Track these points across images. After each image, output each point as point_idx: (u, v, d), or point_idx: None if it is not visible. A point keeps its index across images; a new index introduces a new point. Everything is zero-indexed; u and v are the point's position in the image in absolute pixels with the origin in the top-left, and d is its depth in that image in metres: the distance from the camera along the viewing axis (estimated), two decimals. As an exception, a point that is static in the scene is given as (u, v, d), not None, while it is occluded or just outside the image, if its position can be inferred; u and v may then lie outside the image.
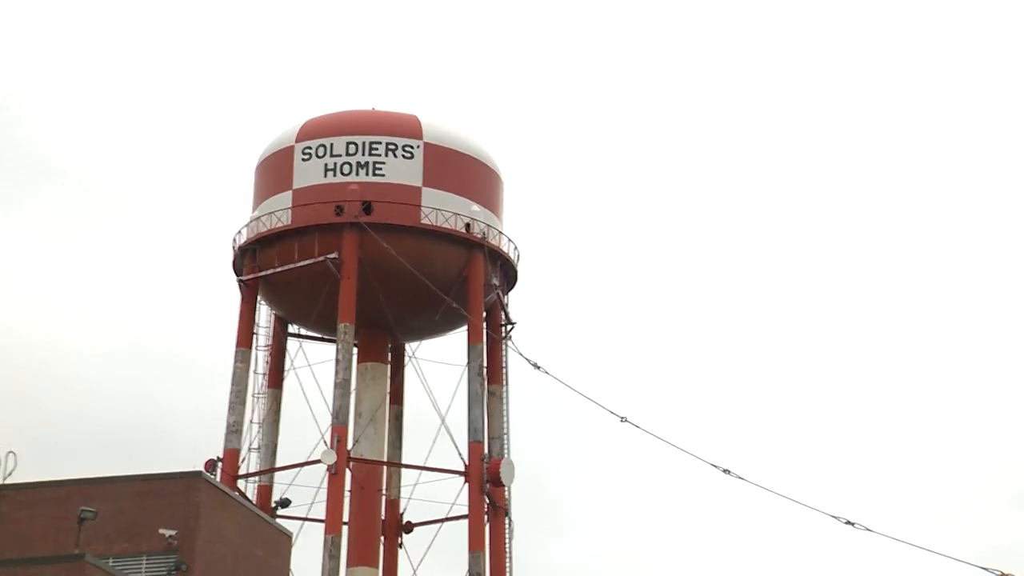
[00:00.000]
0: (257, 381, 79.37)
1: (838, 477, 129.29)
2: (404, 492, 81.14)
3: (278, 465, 78.89)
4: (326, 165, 78.47)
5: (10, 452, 52.69)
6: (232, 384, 78.93)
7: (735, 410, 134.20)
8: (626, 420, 74.12)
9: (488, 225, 79.75)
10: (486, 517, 76.96)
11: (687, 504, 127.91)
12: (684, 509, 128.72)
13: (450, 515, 78.08)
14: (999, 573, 56.22)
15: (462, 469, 76.68)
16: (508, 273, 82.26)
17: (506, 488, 77.99)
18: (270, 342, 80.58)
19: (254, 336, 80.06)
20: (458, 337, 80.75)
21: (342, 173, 78.12)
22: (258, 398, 79.06)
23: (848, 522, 64.75)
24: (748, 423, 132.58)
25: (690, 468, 73.50)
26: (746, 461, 78.01)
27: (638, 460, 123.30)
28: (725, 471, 70.57)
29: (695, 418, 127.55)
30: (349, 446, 75.22)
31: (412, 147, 78.70)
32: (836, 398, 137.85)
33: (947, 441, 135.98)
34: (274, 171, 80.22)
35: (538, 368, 78.71)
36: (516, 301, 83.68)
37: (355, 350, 78.79)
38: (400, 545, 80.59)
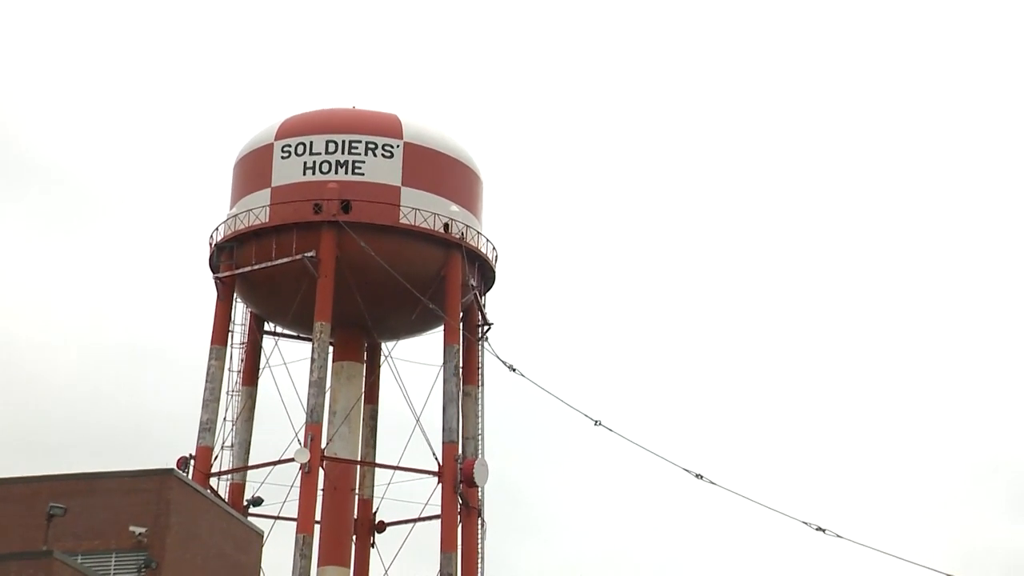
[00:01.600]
0: (232, 379, 79.19)
1: (811, 483, 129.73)
2: (377, 492, 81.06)
3: (251, 463, 78.69)
4: (305, 163, 78.28)
5: None
6: (206, 381, 78.69)
7: (709, 415, 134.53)
8: (600, 424, 74.23)
9: (467, 225, 79.68)
10: (459, 518, 76.89)
11: (660, 508, 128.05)
12: (657, 513, 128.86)
13: (423, 515, 78.03)
14: None
15: (436, 469, 76.59)
16: (486, 274, 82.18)
17: (479, 489, 77.93)
18: (245, 340, 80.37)
19: (229, 333, 79.87)
20: (434, 337, 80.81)
21: (321, 171, 77.94)
22: (232, 396, 78.86)
23: (819, 528, 65.07)
24: (721, 428, 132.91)
25: (664, 472, 73.56)
26: (719, 466, 78.18)
27: (612, 463, 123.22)
28: (698, 476, 70.77)
29: (669, 422, 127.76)
30: (323, 445, 75.05)
31: (392, 146, 78.58)
32: (810, 404, 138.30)
33: (920, 448, 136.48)
34: (253, 169, 79.99)
35: (513, 370, 78.73)
36: (493, 302, 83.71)
37: (331, 349, 78.62)
38: (372, 545, 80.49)
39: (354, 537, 79.10)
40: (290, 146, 78.77)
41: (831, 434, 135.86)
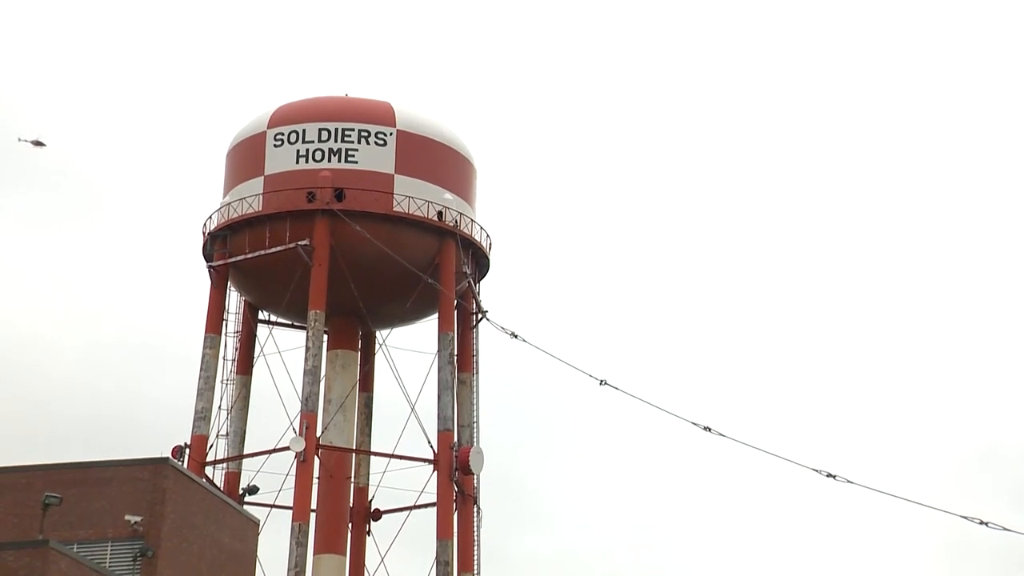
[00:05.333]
0: (226, 368, 79.12)
1: (819, 431, 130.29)
2: (373, 480, 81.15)
3: (246, 452, 78.67)
4: (298, 151, 78.15)
5: None
6: (201, 370, 78.59)
7: (711, 378, 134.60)
8: (605, 383, 73.69)
9: (460, 213, 79.60)
10: (455, 505, 76.92)
11: (662, 477, 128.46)
12: (660, 482, 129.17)
13: (419, 503, 78.02)
14: (979, 521, 56.31)
15: (431, 457, 76.56)
16: (480, 261, 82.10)
17: (475, 476, 77.95)
18: (240, 328, 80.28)
19: (224, 322, 79.74)
20: (429, 325, 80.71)
21: (314, 159, 77.83)
22: (227, 385, 78.80)
23: (829, 475, 64.78)
24: (725, 386, 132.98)
25: (669, 434, 73.17)
26: (726, 419, 77.70)
27: (609, 442, 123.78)
28: (706, 428, 70.33)
29: (671, 389, 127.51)
30: (318, 433, 75.06)
31: (385, 134, 78.45)
32: (815, 352, 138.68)
33: (928, 395, 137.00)
34: (246, 157, 79.85)
35: (515, 337, 78.25)
36: (488, 289, 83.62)
37: (325, 337, 78.57)
38: (368, 532, 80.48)
39: (350, 525, 79.14)
40: (283, 134, 78.66)
41: (838, 381, 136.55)
